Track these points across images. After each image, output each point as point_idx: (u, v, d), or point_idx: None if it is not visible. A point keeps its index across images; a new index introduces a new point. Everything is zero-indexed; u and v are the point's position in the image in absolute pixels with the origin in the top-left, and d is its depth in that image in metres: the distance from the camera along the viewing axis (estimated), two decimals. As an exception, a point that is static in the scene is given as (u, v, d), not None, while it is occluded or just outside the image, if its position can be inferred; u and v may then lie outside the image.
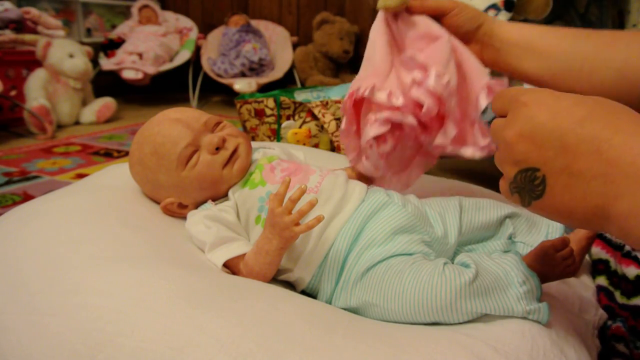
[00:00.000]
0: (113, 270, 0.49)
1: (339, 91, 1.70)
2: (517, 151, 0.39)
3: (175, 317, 0.43)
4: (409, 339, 0.45)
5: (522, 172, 0.39)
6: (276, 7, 3.49)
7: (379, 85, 0.59)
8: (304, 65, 3.17)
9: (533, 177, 0.38)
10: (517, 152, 0.39)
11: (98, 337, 0.42)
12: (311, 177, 0.62)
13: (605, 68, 0.56)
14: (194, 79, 3.22)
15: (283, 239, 0.53)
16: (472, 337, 0.45)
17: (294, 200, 0.52)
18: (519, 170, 0.39)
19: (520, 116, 0.39)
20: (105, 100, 2.64)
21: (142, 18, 3.28)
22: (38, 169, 1.76)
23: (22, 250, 0.53)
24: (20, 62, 2.42)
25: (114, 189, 0.69)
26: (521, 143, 0.38)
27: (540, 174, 0.38)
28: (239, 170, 0.63)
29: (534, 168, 0.38)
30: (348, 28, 3.14)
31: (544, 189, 0.37)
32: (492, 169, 0.48)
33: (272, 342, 0.42)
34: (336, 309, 0.54)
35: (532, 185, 0.38)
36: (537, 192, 0.38)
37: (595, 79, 0.57)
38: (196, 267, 0.54)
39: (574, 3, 1.70)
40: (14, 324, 0.45)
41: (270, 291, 0.51)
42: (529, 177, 0.38)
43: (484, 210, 0.63)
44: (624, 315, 0.66)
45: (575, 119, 0.36)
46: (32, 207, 0.63)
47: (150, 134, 0.64)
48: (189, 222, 0.60)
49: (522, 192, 0.39)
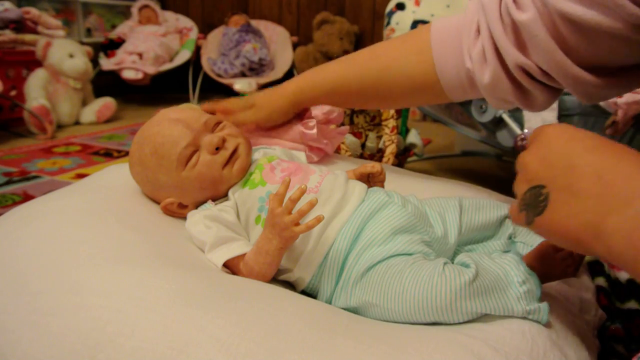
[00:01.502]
0: (113, 270, 0.49)
1: (339, 91, 1.70)
2: (530, 170, 0.43)
3: (175, 317, 0.43)
4: (409, 339, 0.45)
5: (530, 189, 0.42)
6: (276, 7, 3.49)
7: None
8: (304, 65, 3.16)
9: (539, 194, 0.41)
10: (530, 171, 0.43)
11: (98, 337, 0.42)
12: (311, 177, 0.62)
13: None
14: (194, 79, 3.22)
15: (283, 239, 0.53)
16: (472, 337, 0.45)
17: (294, 200, 0.52)
18: (528, 188, 0.42)
19: (539, 142, 0.44)
20: (105, 100, 2.64)
21: (142, 18, 3.28)
22: (38, 169, 1.76)
23: (22, 250, 0.53)
24: (20, 62, 2.42)
25: (114, 189, 0.69)
26: (534, 163, 0.43)
27: (545, 190, 0.41)
28: (239, 170, 0.63)
29: (541, 185, 0.41)
30: (348, 28, 3.14)
31: (546, 205, 0.40)
32: (492, 170, 0.48)
33: (272, 342, 0.42)
34: (336, 309, 0.54)
35: (537, 201, 0.41)
36: (540, 208, 0.41)
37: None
38: (196, 267, 0.54)
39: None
40: (14, 324, 0.45)
41: (270, 291, 0.51)
42: (535, 194, 0.42)
43: (484, 210, 0.63)
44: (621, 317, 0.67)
45: (586, 146, 0.40)
46: (32, 207, 0.63)
47: (150, 134, 0.64)
48: (189, 222, 0.60)
49: (528, 208, 0.42)
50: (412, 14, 1.55)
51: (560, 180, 0.40)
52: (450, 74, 0.66)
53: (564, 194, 0.39)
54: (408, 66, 0.70)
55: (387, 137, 1.44)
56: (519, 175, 0.45)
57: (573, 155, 0.40)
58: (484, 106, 1.47)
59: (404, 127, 1.56)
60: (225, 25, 3.33)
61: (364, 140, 1.44)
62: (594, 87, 0.55)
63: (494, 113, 1.43)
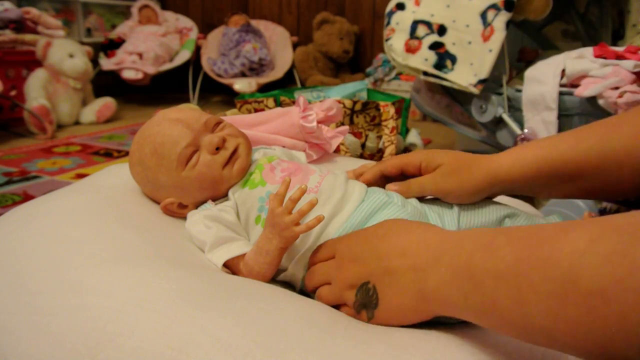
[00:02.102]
0: (113, 270, 0.49)
1: (338, 91, 1.70)
2: (349, 276, 0.47)
3: (175, 317, 0.43)
4: (409, 339, 0.45)
5: (359, 289, 0.46)
6: (276, 7, 3.49)
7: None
8: (304, 65, 3.17)
9: (367, 289, 0.45)
10: (349, 277, 0.47)
11: (98, 337, 0.42)
12: (311, 177, 0.62)
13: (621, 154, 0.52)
14: (194, 79, 3.22)
15: (283, 238, 0.53)
16: (472, 337, 0.45)
17: (294, 200, 0.52)
18: (357, 290, 0.46)
19: (340, 251, 0.49)
20: (105, 100, 2.64)
21: (142, 18, 3.28)
22: (38, 169, 1.76)
23: (22, 250, 0.53)
24: (20, 62, 2.42)
25: (114, 189, 0.69)
26: (349, 269, 0.47)
27: (371, 284, 0.45)
28: (239, 170, 0.63)
29: (366, 282, 0.45)
30: (348, 28, 3.14)
31: (377, 296, 0.44)
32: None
33: (272, 342, 0.42)
34: (336, 309, 0.53)
35: (368, 297, 0.45)
36: (374, 301, 0.45)
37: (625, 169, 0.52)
38: (196, 267, 0.54)
39: (574, 3, 1.70)
40: (14, 324, 0.45)
41: (270, 291, 0.51)
42: (364, 291, 0.45)
43: (483, 211, 0.63)
44: None
45: (379, 235, 0.46)
46: (32, 207, 0.63)
47: (150, 134, 0.64)
48: (189, 222, 0.61)
49: (365, 307, 0.46)
50: (412, 14, 1.55)
51: (377, 270, 0.44)
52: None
53: (385, 277, 0.44)
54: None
55: (386, 137, 1.44)
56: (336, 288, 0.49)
57: (374, 247, 0.45)
58: (484, 106, 1.47)
59: (404, 127, 1.57)
60: (225, 25, 3.33)
61: (364, 140, 1.45)
62: None
63: (494, 113, 1.43)
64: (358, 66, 3.29)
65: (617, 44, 1.61)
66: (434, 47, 1.49)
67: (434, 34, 1.49)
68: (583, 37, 1.70)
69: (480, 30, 1.41)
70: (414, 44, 1.52)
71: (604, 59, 1.22)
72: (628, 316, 0.27)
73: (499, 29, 1.37)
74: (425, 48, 1.50)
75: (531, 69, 1.35)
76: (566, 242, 0.31)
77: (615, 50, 1.25)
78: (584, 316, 0.29)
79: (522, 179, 0.56)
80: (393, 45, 1.57)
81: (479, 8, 1.42)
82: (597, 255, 0.29)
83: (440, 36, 1.48)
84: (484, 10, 1.41)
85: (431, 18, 1.50)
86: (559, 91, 1.26)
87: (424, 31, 1.51)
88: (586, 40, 1.68)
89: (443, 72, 1.48)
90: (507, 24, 1.37)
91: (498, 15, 1.37)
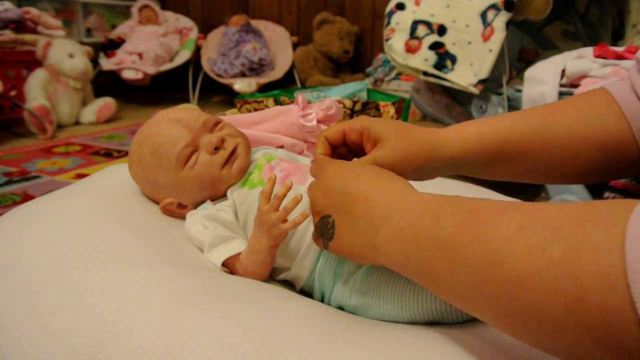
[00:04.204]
0: (113, 270, 0.49)
1: (338, 91, 1.70)
2: (317, 204, 0.48)
3: (175, 317, 0.43)
4: (408, 339, 0.45)
5: (320, 219, 0.48)
6: (276, 7, 3.49)
7: None
8: (304, 65, 3.17)
9: (327, 223, 0.47)
10: (317, 204, 0.48)
11: (98, 337, 0.42)
12: (310, 177, 0.62)
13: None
14: (194, 79, 3.22)
15: (272, 236, 0.53)
16: (472, 336, 0.45)
17: (279, 197, 0.53)
18: (319, 219, 0.48)
19: (320, 177, 0.50)
20: (105, 100, 2.64)
21: (142, 18, 3.28)
22: (38, 169, 1.76)
23: (22, 250, 0.53)
24: (20, 62, 2.42)
25: (114, 189, 0.69)
26: (319, 197, 0.48)
27: (331, 219, 0.46)
28: (237, 170, 0.63)
29: (328, 215, 0.47)
30: (348, 28, 3.14)
31: (334, 231, 0.46)
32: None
33: (272, 342, 0.42)
34: (335, 309, 0.54)
35: (326, 229, 0.47)
36: (330, 235, 0.46)
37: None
38: (196, 267, 0.54)
39: (574, 3, 1.70)
40: (14, 324, 0.45)
41: (269, 291, 0.51)
42: (324, 223, 0.47)
43: None
44: None
45: (354, 174, 0.47)
46: (32, 207, 0.63)
47: (149, 134, 0.64)
48: (188, 222, 0.61)
49: (322, 236, 0.48)
50: (412, 14, 1.55)
51: (340, 208, 0.46)
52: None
53: (345, 218, 0.45)
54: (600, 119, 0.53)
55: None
56: (310, 208, 0.50)
57: (345, 184, 0.46)
58: (484, 106, 1.47)
59: (403, 127, 1.56)
60: (225, 25, 3.33)
61: (363, 140, 1.44)
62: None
63: (494, 113, 1.43)
64: (358, 66, 3.29)
65: (617, 44, 1.61)
66: (434, 47, 1.49)
67: (434, 34, 1.49)
68: (583, 37, 1.70)
69: (480, 30, 1.41)
70: (414, 44, 1.52)
71: (604, 59, 1.22)
72: (540, 306, 0.28)
73: (499, 29, 1.37)
74: (425, 48, 1.50)
75: (531, 69, 1.35)
76: (500, 224, 0.33)
77: (615, 50, 1.25)
78: (503, 297, 0.31)
79: (464, 155, 0.54)
80: (393, 45, 1.57)
81: (479, 8, 1.42)
82: (521, 244, 0.30)
83: (440, 36, 1.48)
84: (484, 10, 1.41)
85: (431, 18, 1.50)
86: (559, 91, 1.26)
87: (424, 31, 1.51)
88: (586, 40, 1.68)
89: (443, 72, 1.48)
90: (507, 24, 1.37)
91: (498, 16, 1.37)
